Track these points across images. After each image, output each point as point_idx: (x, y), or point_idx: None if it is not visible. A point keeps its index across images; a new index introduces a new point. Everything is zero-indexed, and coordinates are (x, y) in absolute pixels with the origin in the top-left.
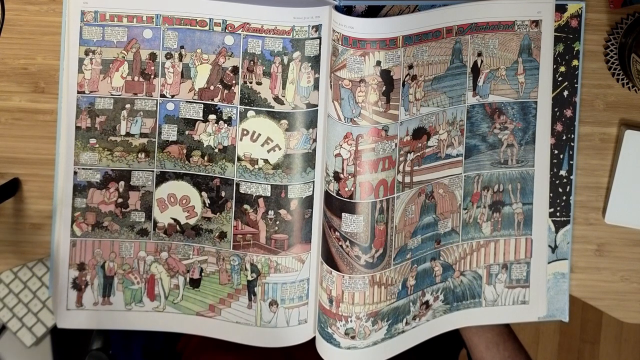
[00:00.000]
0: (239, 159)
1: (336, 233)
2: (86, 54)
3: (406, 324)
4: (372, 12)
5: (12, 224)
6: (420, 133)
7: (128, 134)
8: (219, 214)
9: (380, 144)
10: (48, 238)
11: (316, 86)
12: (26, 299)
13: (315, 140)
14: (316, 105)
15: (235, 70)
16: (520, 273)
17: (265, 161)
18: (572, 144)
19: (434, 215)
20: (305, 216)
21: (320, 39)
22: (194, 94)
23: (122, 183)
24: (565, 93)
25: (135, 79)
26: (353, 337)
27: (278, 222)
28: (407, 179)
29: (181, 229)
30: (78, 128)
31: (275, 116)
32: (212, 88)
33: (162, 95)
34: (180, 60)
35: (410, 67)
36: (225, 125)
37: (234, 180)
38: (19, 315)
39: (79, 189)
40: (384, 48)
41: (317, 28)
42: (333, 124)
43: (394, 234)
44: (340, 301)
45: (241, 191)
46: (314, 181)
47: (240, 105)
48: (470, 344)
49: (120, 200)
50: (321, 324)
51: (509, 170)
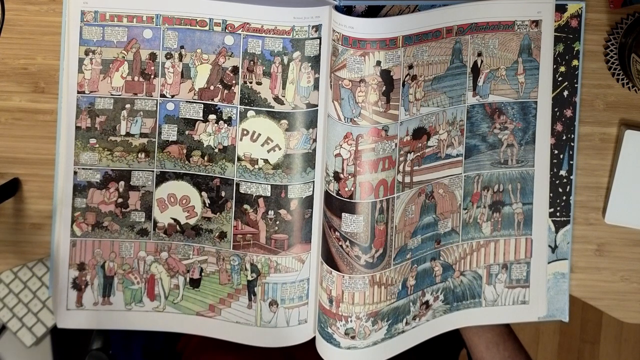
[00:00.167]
0: (239, 159)
1: (336, 233)
2: (86, 54)
3: (406, 324)
4: (372, 12)
5: (12, 224)
6: (420, 133)
7: (128, 134)
8: (219, 214)
9: (380, 144)
10: (48, 238)
11: (316, 86)
12: (26, 299)
13: (315, 140)
14: (316, 105)
15: (235, 70)
16: (520, 273)
17: (265, 161)
18: (572, 144)
19: (434, 215)
20: (305, 216)
21: (320, 39)
22: (194, 94)
23: (122, 183)
24: (565, 93)
25: (135, 79)
26: (353, 337)
27: (278, 222)
28: (407, 179)
29: (181, 229)
30: (78, 128)
31: (275, 116)
32: (212, 88)
33: (162, 95)
34: (180, 60)
35: (410, 67)
36: (225, 125)
37: (234, 180)
38: (19, 315)
39: (79, 189)
40: (384, 48)
41: (317, 28)
42: (333, 124)
43: (394, 234)
44: (340, 301)
45: (241, 191)
46: (314, 181)
47: (240, 105)
48: (470, 344)
49: (120, 200)
50: (321, 324)
51: (509, 170)
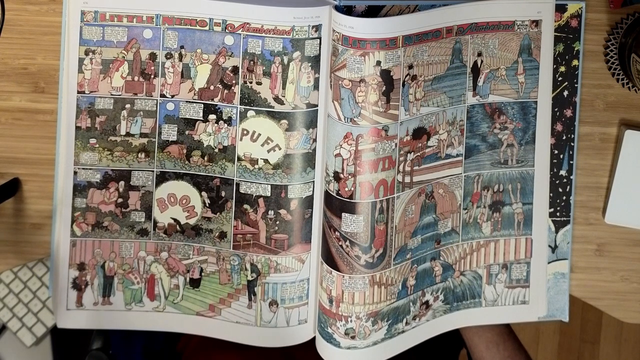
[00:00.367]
0: (239, 159)
1: (336, 233)
2: (86, 54)
3: (406, 324)
4: (372, 12)
5: (12, 224)
6: (420, 133)
7: (128, 134)
8: (219, 213)
9: (380, 144)
10: (48, 238)
11: (316, 86)
12: (26, 299)
13: (315, 140)
14: (316, 105)
15: (235, 70)
16: (520, 273)
17: (265, 161)
18: (572, 144)
19: (434, 215)
20: (305, 216)
21: (320, 39)
22: (194, 94)
23: (122, 183)
24: (565, 93)
25: (135, 79)
26: (353, 337)
27: (278, 222)
28: (407, 179)
29: (181, 229)
30: (78, 128)
31: (275, 116)
32: (212, 88)
33: (162, 95)
34: (180, 60)
35: (410, 67)
36: (225, 125)
37: (234, 180)
38: (19, 315)
39: (79, 189)
40: (384, 48)
41: (317, 28)
42: (333, 124)
43: (394, 234)
44: (340, 301)
45: (241, 191)
46: (314, 181)
47: (240, 105)
48: (470, 343)
49: (120, 200)
50: (321, 324)
51: (509, 170)
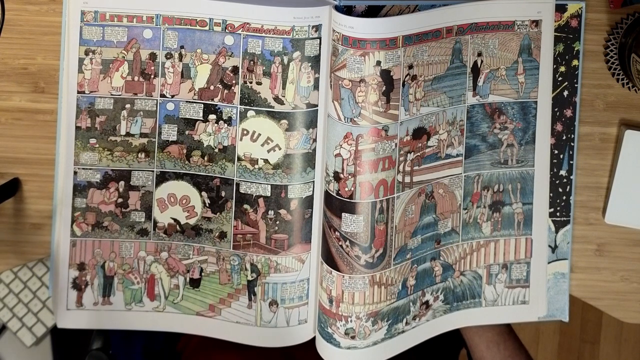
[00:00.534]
0: (239, 159)
1: (336, 233)
2: (86, 54)
3: (406, 324)
4: (372, 12)
5: (12, 224)
6: (420, 133)
7: (128, 134)
8: (219, 213)
9: (380, 144)
10: (48, 238)
11: (316, 86)
12: (26, 299)
13: (315, 140)
14: (316, 105)
15: (235, 70)
16: (520, 273)
17: (265, 161)
18: (572, 144)
19: (434, 215)
20: (305, 216)
21: (320, 39)
22: (194, 94)
23: (122, 183)
24: (565, 93)
25: (135, 79)
26: (353, 337)
27: (278, 222)
28: (407, 179)
29: (181, 229)
30: (78, 128)
31: (275, 116)
32: (212, 88)
33: (162, 95)
34: (180, 60)
35: (410, 67)
36: (225, 125)
37: (234, 180)
38: (19, 315)
39: (79, 189)
40: (384, 48)
41: (317, 28)
42: (333, 124)
43: (394, 234)
44: (340, 301)
45: (241, 191)
46: (314, 181)
47: (240, 105)
48: (470, 343)
49: (120, 200)
50: (321, 324)
51: (509, 170)
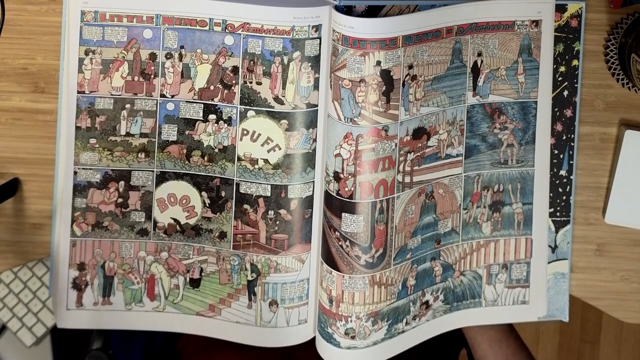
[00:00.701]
0: (239, 159)
1: (336, 233)
2: (86, 54)
3: (406, 324)
4: (372, 12)
5: (12, 224)
6: (420, 133)
7: (128, 134)
8: (219, 213)
9: (380, 144)
10: (48, 238)
11: (316, 86)
12: (26, 299)
13: (315, 140)
14: (316, 105)
15: (235, 70)
16: (520, 273)
17: (265, 161)
18: (572, 144)
19: (434, 215)
20: (305, 216)
21: (320, 39)
22: (194, 94)
23: (122, 183)
24: (565, 93)
25: (135, 79)
26: (353, 337)
27: (278, 222)
28: (407, 179)
29: (181, 229)
30: (78, 128)
31: (275, 116)
32: (212, 88)
33: (162, 95)
34: (180, 60)
35: (410, 67)
36: (225, 125)
37: (234, 180)
38: (19, 315)
39: (79, 189)
40: (384, 48)
41: (317, 28)
42: (333, 124)
43: (394, 234)
44: (340, 301)
45: (241, 191)
46: (314, 181)
47: (240, 105)
48: (472, 342)
49: (120, 200)
50: (321, 324)
51: (509, 170)
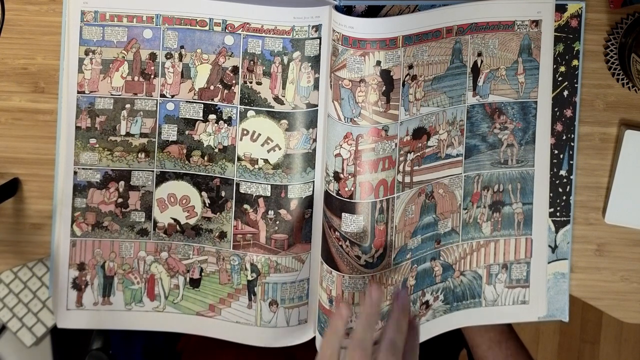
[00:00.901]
0: (239, 159)
1: (336, 233)
2: (86, 54)
3: None
4: (372, 12)
5: (12, 224)
6: (420, 133)
7: (128, 134)
8: (219, 213)
9: (380, 144)
10: (48, 238)
11: (316, 86)
12: (26, 299)
13: (315, 140)
14: (316, 105)
15: (235, 70)
16: (520, 273)
17: (265, 161)
18: (572, 144)
19: (434, 215)
20: (305, 216)
21: (320, 39)
22: (194, 94)
23: (122, 183)
24: (565, 93)
25: (135, 79)
26: None
27: (278, 222)
28: (407, 179)
29: (181, 229)
30: (78, 128)
31: (275, 116)
32: (212, 88)
33: (162, 95)
34: (180, 60)
35: (410, 67)
36: (225, 125)
37: (234, 180)
38: (19, 315)
39: (79, 189)
40: (384, 48)
41: (317, 28)
42: (333, 124)
43: (394, 234)
44: (340, 301)
45: (241, 191)
46: (314, 181)
47: (240, 105)
48: (472, 343)
49: (120, 200)
50: (321, 324)
51: (509, 170)
